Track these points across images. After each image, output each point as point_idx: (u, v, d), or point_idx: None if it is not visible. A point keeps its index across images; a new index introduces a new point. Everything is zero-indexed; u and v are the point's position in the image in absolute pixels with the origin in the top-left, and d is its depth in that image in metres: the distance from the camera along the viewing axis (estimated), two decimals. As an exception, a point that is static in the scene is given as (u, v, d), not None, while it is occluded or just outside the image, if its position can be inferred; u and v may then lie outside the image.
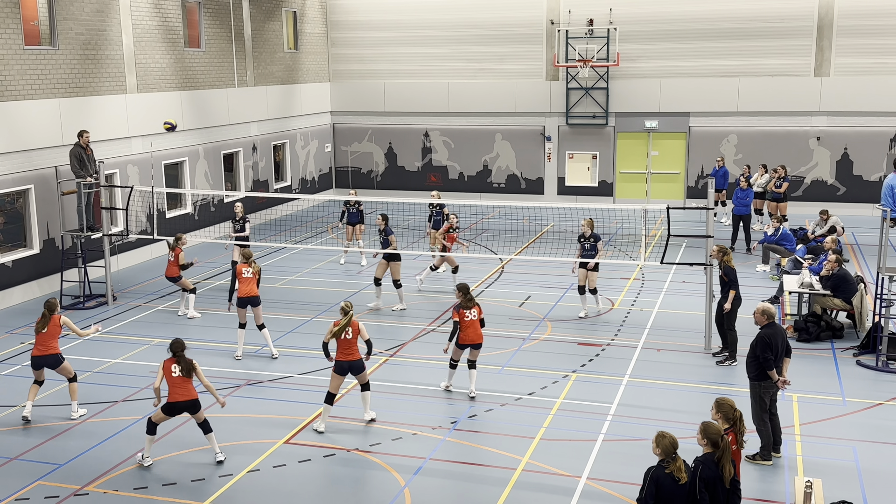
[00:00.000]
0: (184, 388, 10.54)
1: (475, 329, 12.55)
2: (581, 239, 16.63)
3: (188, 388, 10.57)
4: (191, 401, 10.60)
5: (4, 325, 16.48)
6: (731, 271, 13.96)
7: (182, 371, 10.53)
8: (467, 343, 12.56)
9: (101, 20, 20.16)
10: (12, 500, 9.83)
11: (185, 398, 10.56)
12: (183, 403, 10.57)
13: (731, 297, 13.85)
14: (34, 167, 18.33)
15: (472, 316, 12.50)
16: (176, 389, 10.53)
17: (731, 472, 7.57)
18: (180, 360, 10.57)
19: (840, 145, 27.00)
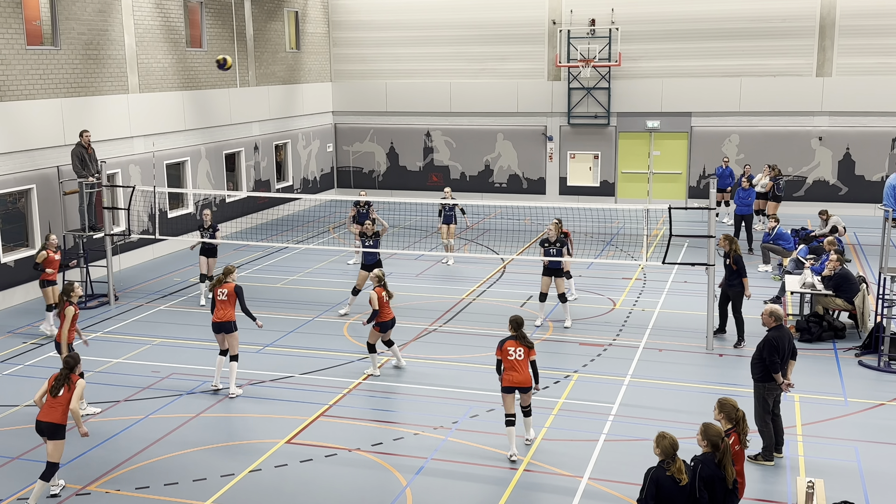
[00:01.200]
0: (49, 409, 9.61)
1: (520, 370, 10.75)
2: (545, 244, 15.79)
3: (54, 410, 9.59)
4: (52, 423, 9.59)
5: (6, 325, 16.49)
6: (739, 259, 14.61)
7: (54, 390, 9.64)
8: (512, 385, 10.76)
9: (103, 20, 20.18)
10: (14, 500, 9.84)
11: (48, 419, 9.60)
12: (44, 424, 9.61)
13: (747, 283, 14.62)
14: (36, 167, 18.35)
15: (518, 355, 10.75)
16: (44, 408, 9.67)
17: (733, 473, 7.57)
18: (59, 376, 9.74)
19: (842, 145, 26.98)
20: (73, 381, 9.74)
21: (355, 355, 14.57)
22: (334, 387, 13.17)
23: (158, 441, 11.31)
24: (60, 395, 9.63)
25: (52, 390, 9.67)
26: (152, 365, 14.16)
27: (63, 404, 9.61)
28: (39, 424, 9.64)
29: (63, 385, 9.68)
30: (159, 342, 15.31)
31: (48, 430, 9.61)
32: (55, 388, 9.67)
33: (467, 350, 14.83)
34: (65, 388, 9.66)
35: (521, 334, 10.83)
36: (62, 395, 9.63)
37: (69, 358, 10.03)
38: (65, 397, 9.63)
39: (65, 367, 9.88)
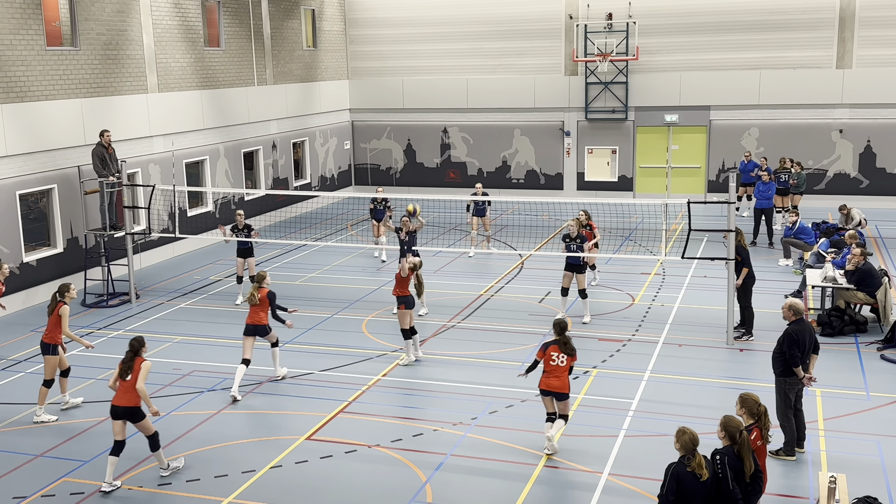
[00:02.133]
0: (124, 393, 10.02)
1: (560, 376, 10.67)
2: (566, 239, 15.84)
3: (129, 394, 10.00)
4: (127, 407, 10.01)
5: (29, 323, 16.66)
6: (744, 250, 14.66)
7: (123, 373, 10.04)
8: (549, 390, 10.73)
9: (121, 20, 20.31)
10: (38, 497, 9.94)
11: (122, 403, 10.02)
12: (120, 409, 10.04)
13: (742, 273, 14.49)
14: (57, 167, 18.50)
15: (560, 361, 10.69)
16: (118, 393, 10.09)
17: (751, 465, 7.55)
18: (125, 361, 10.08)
19: (863, 138, 26.74)
20: (139, 364, 10.06)
21: (374, 352, 14.62)
22: (354, 383, 13.21)
23: (180, 438, 11.39)
24: (129, 379, 10.02)
25: (122, 374, 10.07)
26: (173, 363, 14.26)
27: (132, 386, 10.00)
28: (115, 409, 10.05)
29: (130, 368, 10.06)
30: (180, 340, 15.41)
31: (125, 414, 10.04)
32: (123, 372, 10.07)
33: (486, 346, 14.84)
34: (133, 371, 10.04)
35: (566, 339, 10.76)
36: (131, 379, 10.02)
37: (134, 341, 10.30)
38: (134, 380, 10.02)
39: (130, 350, 10.20)
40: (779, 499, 9.59)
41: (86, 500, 9.88)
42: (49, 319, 12.19)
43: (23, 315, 17.21)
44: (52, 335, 12.10)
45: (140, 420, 10.08)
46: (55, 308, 12.17)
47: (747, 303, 14.80)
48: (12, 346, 15.36)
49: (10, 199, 17.30)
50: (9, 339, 15.73)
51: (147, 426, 10.15)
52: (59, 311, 12.10)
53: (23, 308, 17.59)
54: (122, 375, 10.06)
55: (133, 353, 10.14)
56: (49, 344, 12.11)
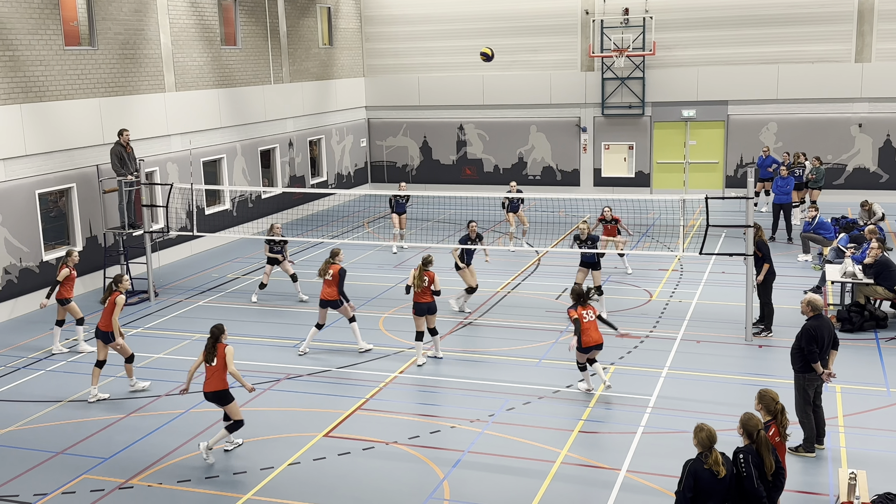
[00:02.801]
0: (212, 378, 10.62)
1: (595, 330, 12.20)
2: (577, 241, 15.93)
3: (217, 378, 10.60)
4: (216, 392, 10.63)
5: (49, 321, 16.74)
6: (764, 245, 14.49)
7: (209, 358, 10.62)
8: (591, 345, 12.16)
9: (138, 20, 20.42)
10: (59, 494, 10.03)
11: (210, 389, 10.63)
12: (209, 394, 10.67)
13: (764, 269, 14.36)
14: (76, 166, 18.63)
15: (590, 316, 12.21)
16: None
17: (771, 464, 7.51)
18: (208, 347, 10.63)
19: (882, 132, 26.50)
20: (221, 350, 10.54)
21: (391, 349, 14.64)
22: (371, 380, 13.24)
23: (199, 435, 11.45)
24: (215, 364, 10.53)
25: (207, 359, 10.57)
26: (192, 360, 14.32)
27: (219, 371, 10.54)
28: (207, 395, 10.67)
29: (213, 354, 10.54)
30: (199, 337, 15.48)
31: (215, 399, 10.64)
32: (209, 358, 10.57)
33: (503, 343, 14.83)
34: (217, 356, 10.52)
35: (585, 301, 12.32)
36: (217, 364, 10.52)
37: (215, 328, 10.67)
38: (219, 365, 10.53)
39: (211, 337, 10.62)
40: (799, 495, 9.54)
41: (106, 496, 9.96)
42: (105, 308, 12.71)
43: (42, 313, 17.33)
44: (107, 322, 12.63)
45: (228, 403, 10.62)
46: (110, 297, 12.69)
47: (767, 298, 14.70)
48: (32, 343, 15.49)
49: (29, 199, 17.45)
50: (29, 336, 15.87)
51: (234, 411, 10.67)
52: (115, 300, 12.60)
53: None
54: (207, 361, 10.56)
55: (214, 340, 10.59)
56: (105, 331, 12.63)
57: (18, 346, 15.34)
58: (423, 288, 13.69)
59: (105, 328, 12.65)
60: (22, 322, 16.81)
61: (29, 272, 17.45)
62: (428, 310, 13.78)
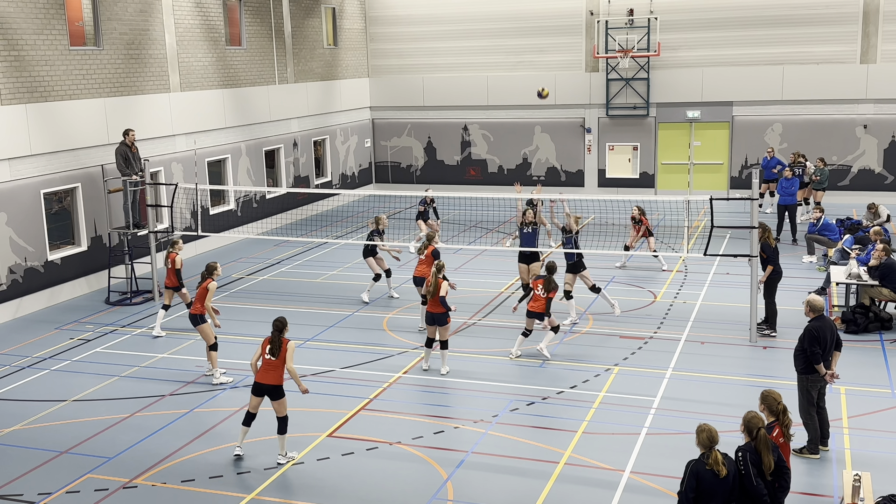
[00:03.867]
0: (267, 371, 10.53)
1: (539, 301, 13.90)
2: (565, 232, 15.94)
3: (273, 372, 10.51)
4: (271, 385, 10.54)
5: (54, 320, 16.82)
6: (769, 248, 14.36)
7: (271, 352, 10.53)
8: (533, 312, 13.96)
9: (144, 20, 20.45)
10: (63, 493, 10.04)
11: (267, 381, 10.53)
12: (265, 386, 10.58)
13: (768, 270, 14.33)
14: (81, 166, 18.67)
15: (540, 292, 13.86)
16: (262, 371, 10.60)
17: (770, 462, 7.51)
18: (273, 339, 10.55)
19: (887, 133, 26.45)
20: (285, 343, 10.47)
21: (395, 349, 14.64)
22: (375, 381, 13.24)
23: (203, 435, 11.47)
24: (278, 358, 10.44)
25: (271, 352, 10.44)
26: (196, 360, 14.35)
27: (280, 366, 10.46)
28: (260, 386, 10.53)
29: (279, 347, 10.45)
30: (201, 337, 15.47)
31: (269, 391, 10.52)
32: (273, 350, 10.45)
33: (507, 343, 14.82)
34: (280, 349, 10.45)
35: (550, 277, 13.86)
36: (279, 357, 10.45)
37: (278, 321, 10.63)
38: (281, 359, 10.45)
39: (276, 330, 10.56)
40: (803, 497, 9.52)
41: (110, 496, 9.97)
42: (197, 294, 13.32)
43: (47, 313, 17.39)
44: (198, 307, 13.20)
45: (279, 398, 10.51)
46: (204, 283, 13.29)
47: (771, 298, 14.67)
48: (37, 343, 15.52)
49: (34, 198, 17.48)
50: (33, 336, 15.90)
51: (283, 406, 10.55)
52: (208, 286, 13.21)
53: (47, 306, 17.77)
54: (272, 354, 10.43)
55: (279, 333, 10.50)
56: (196, 315, 13.24)
57: (23, 345, 15.37)
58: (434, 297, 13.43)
59: (196, 312, 13.24)
60: (27, 321, 16.85)
61: (34, 272, 17.49)
62: (434, 320, 13.42)
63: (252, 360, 10.68)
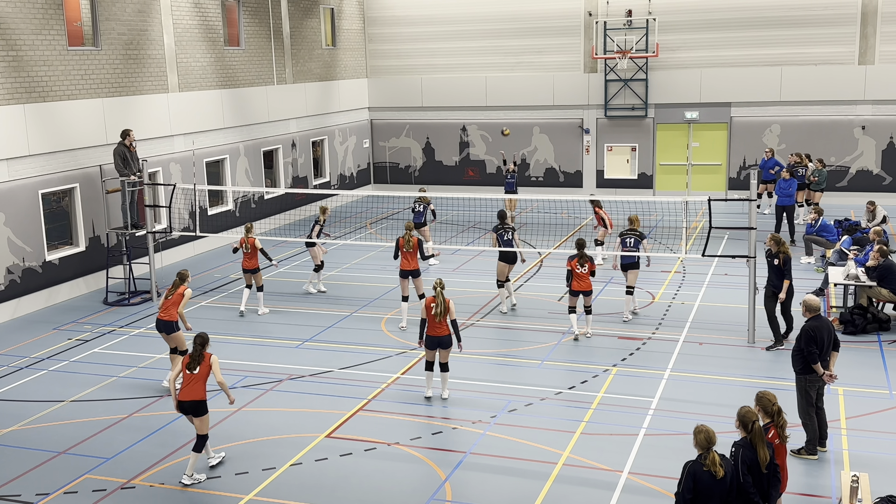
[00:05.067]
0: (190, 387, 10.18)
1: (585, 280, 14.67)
2: (621, 236, 16.25)
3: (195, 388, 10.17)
4: (193, 401, 10.17)
5: (52, 321, 16.81)
6: (788, 261, 14.01)
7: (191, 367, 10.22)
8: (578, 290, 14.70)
9: (142, 20, 20.44)
10: (61, 494, 10.04)
11: (188, 398, 10.17)
12: (186, 403, 10.19)
13: (785, 286, 13.92)
14: (79, 166, 18.65)
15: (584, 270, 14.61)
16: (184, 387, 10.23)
17: (766, 455, 7.54)
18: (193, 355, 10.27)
19: (886, 134, 26.47)
20: (207, 358, 10.21)
21: (393, 350, 14.64)
22: (373, 381, 13.24)
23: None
24: (198, 372, 10.15)
25: (190, 366, 10.18)
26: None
27: (200, 380, 10.14)
28: (182, 404, 10.19)
29: (200, 361, 10.16)
30: (201, 338, 15.48)
31: (191, 408, 10.17)
32: (192, 365, 10.19)
33: (505, 344, 14.83)
34: (201, 364, 10.16)
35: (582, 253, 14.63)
36: (200, 371, 10.16)
37: (199, 336, 10.41)
38: (202, 373, 10.15)
39: (197, 344, 10.32)
40: (801, 498, 9.53)
41: (108, 496, 9.96)
42: (167, 300, 12.74)
43: (45, 313, 17.37)
44: (170, 313, 12.67)
45: (202, 415, 10.19)
46: (179, 289, 12.78)
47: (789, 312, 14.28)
48: (35, 344, 15.51)
49: (32, 199, 17.47)
50: (31, 337, 15.89)
51: (205, 424, 10.23)
52: (184, 292, 12.77)
53: (45, 306, 17.76)
54: (191, 368, 10.17)
55: (202, 347, 10.29)
56: (170, 321, 12.66)
57: (21, 346, 15.36)
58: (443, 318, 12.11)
59: (169, 318, 12.69)
60: (25, 322, 16.84)
61: (32, 272, 17.47)
62: (440, 343, 12.25)
63: (170, 379, 10.28)
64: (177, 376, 10.44)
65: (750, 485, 7.43)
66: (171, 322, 12.68)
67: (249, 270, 16.66)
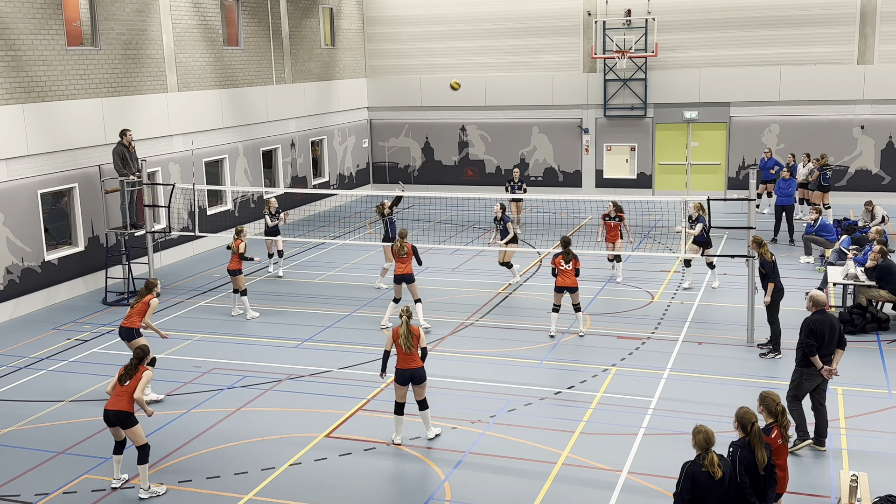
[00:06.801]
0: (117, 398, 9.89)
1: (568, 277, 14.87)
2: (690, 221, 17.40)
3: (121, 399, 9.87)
4: (119, 412, 9.87)
5: (51, 321, 16.80)
6: (769, 264, 13.64)
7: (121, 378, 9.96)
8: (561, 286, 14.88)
9: (141, 20, 20.43)
10: (60, 494, 10.03)
11: (112, 407, 9.89)
12: (110, 413, 9.91)
13: (769, 289, 13.60)
14: (78, 166, 18.64)
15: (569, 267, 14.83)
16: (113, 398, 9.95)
17: (763, 457, 7.54)
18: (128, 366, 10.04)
19: (884, 134, 26.49)
20: (140, 371, 9.99)
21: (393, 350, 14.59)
22: (372, 381, 13.23)
23: (200, 435, 11.46)
24: (128, 385, 9.91)
25: (121, 379, 9.95)
26: (193, 360, 14.34)
27: (129, 393, 9.88)
28: (107, 414, 9.93)
29: (132, 375, 9.96)
30: (200, 337, 15.49)
31: (116, 419, 9.89)
32: (123, 377, 9.95)
33: (504, 344, 14.83)
34: (133, 378, 9.94)
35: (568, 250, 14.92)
36: (129, 385, 9.91)
37: (139, 349, 10.30)
38: (131, 386, 9.91)
39: (134, 358, 10.16)
40: (800, 497, 9.53)
41: (107, 496, 9.96)
42: (132, 308, 12.49)
43: (44, 313, 17.37)
44: (132, 321, 12.43)
45: (131, 427, 9.87)
46: (145, 298, 12.50)
47: (774, 318, 13.79)
48: (34, 343, 15.50)
49: (31, 199, 17.46)
50: (30, 337, 15.88)
51: (138, 435, 9.90)
52: (150, 302, 12.49)
53: (44, 306, 17.75)
54: (121, 381, 9.93)
55: (138, 361, 10.10)
56: (132, 329, 12.42)
57: (20, 346, 15.35)
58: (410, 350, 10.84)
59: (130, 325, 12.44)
60: (24, 322, 16.83)
61: (31, 272, 17.47)
62: (412, 378, 10.85)
63: (108, 387, 10.06)
64: (112, 388, 9.99)
65: (747, 485, 7.43)
66: (132, 329, 12.43)
67: (231, 272, 16.68)
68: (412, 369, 10.82)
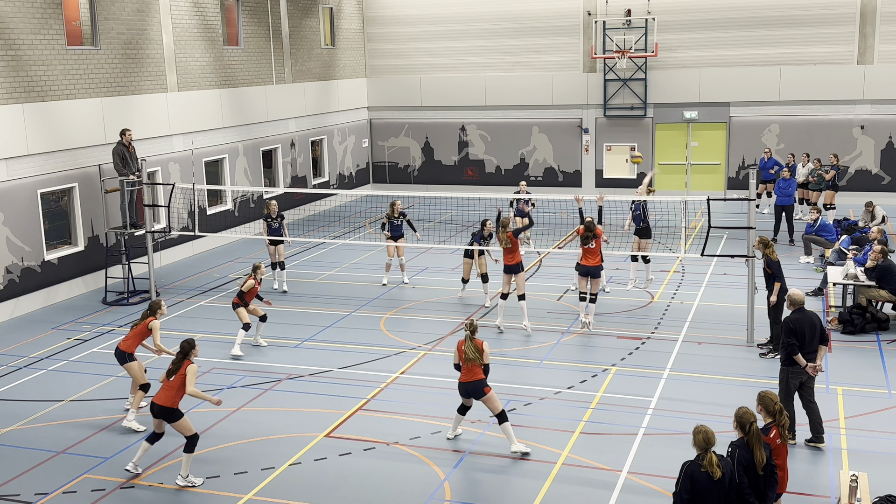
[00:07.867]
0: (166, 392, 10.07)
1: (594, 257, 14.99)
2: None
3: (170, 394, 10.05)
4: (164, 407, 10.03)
5: (51, 321, 16.80)
6: (775, 264, 13.67)
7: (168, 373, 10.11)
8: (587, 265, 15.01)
9: (141, 20, 20.43)
10: (60, 493, 10.03)
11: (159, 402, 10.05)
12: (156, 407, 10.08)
13: (776, 289, 13.58)
14: (78, 166, 18.64)
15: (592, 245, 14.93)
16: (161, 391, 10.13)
17: (762, 457, 7.54)
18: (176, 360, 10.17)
19: (884, 134, 26.49)
20: (185, 367, 10.14)
21: (392, 349, 14.63)
22: (372, 381, 13.24)
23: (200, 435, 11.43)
24: (172, 380, 10.09)
25: (168, 374, 10.16)
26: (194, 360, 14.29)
27: (174, 388, 10.06)
28: (153, 406, 10.13)
29: (177, 369, 10.13)
30: (200, 337, 15.49)
31: (161, 414, 10.08)
32: (170, 372, 10.16)
33: (504, 344, 14.82)
34: (177, 373, 10.10)
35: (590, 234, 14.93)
36: (174, 380, 10.09)
37: (184, 343, 10.39)
38: (176, 381, 10.08)
39: (180, 352, 10.29)
40: (800, 497, 9.53)
41: (107, 496, 9.96)
42: (133, 329, 11.95)
43: (43, 313, 17.36)
44: (127, 343, 11.83)
45: (176, 420, 10.08)
46: (147, 320, 11.87)
47: (777, 318, 13.66)
48: (33, 343, 15.50)
49: (31, 198, 17.46)
50: (30, 336, 15.88)
51: (185, 427, 10.10)
52: (150, 325, 11.83)
53: (44, 306, 17.75)
54: (168, 375, 10.15)
55: (184, 356, 10.24)
56: (124, 353, 11.81)
57: (20, 345, 15.35)
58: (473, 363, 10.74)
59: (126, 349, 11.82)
60: (23, 321, 16.83)
61: (31, 271, 17.47)
62: (475, 391, 10.80)
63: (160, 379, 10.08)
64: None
65: (745, 485, 7.42)
66: (125, 353, 11.80)
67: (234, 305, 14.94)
68: (471, 382, 10.72)
